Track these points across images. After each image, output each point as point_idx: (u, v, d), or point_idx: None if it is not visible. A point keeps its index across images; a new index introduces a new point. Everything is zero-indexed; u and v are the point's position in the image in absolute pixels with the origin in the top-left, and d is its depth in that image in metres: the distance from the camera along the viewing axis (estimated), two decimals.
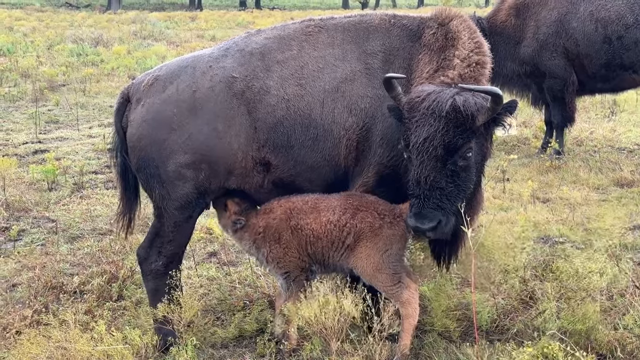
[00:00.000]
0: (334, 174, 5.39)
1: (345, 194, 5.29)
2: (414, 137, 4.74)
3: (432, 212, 4.73)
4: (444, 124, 4.68)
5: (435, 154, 4.70)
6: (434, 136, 4.68)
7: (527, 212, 7.80)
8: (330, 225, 5.16)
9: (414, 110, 4.79)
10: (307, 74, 5.33)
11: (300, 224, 5.22)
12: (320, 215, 5.19)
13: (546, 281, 5.86)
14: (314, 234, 5.19)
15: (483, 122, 4.79)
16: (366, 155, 5.31)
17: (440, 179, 4.73)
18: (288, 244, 5.26)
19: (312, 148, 5.30)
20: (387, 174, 5.29)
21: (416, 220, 4.74)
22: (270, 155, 5.30)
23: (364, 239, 5.11)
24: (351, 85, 5.30)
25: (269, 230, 5.31)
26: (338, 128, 5.28)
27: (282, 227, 5.27)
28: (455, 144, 4.71)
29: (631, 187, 9.27)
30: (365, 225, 5.11)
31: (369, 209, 5.15)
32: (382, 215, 5.14)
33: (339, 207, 5.18)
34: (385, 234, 5.11)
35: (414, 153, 4.75)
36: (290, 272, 5.28)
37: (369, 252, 5.10)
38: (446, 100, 4.71)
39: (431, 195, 4.73)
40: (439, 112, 4.69)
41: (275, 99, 5.28)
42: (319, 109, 5.28)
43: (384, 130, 5.26)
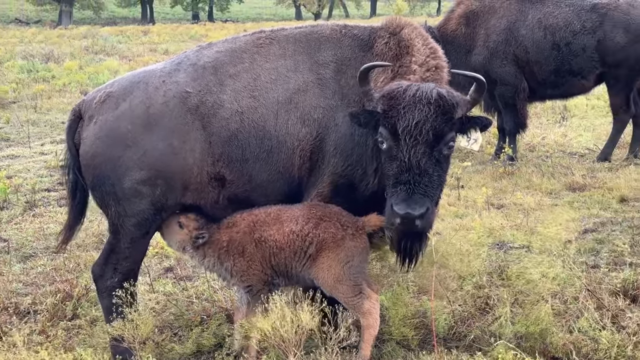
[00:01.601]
0: (289, 186, 5.39)
1: (308, 204, 5.29)
2: (403, 122, 4.78)
3: (422, 198, 4.76)
4: (433, 109, 4.76)
5: (426, 138, 4.77)
6: (426, 120, 4.76)
7: (481, 219, 7.87)
8: (293, 236, 5.14)
9: (396, 99, 4.84)
10: (260, 85, 5.34)
11: (264, 236, 5.20)
12: (283, 226, 5.17)
13: (501, 287, 5.93)
14: (277, 245, 5.17)
15: (462, 115, 4.91)
16: (320, 166, 5.33)
17: (429, 165, 4.80)
18: (252, 257, 5.22)
19: (266, 160, 5.30)
20: (342, 183, 5.31)
21: (407, 206, 4.71)
22: (225, 169, 5.29)
23: (326, 250, 5.11)
24: (304, 96, 5.31)
25: (232, 244, 5.26)
26: (292, 139, 5.29)
27: (246, 240, 5.24)
28: (442, 131, 4.81)
29: (583, 191, 9.43)
30: (327, 235, 5.11)
31: (332, 219, 5.15)
32: (345, 227, 5.14)
33: (302, 217, 5.17)
34: (347, 246, 5.11)
35: (406, 137, 4.78)
36: (253, 285, 5.25)
37: (330, 263, 5.10)
38: (431, 90, 4.82)
39: (421, 181, 4.77)
40: (428, 98, 4.78)
41: (229, 112, 5.27)
42: (272, 121, 5.28)
43: (337, 139, 5.28)
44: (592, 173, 10.29)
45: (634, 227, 7.77)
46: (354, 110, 5.07)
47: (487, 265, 6.29)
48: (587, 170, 10.40)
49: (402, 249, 5.28)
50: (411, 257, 5.29)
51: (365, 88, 5.01)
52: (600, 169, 10.50)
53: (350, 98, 5.31)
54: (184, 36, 37.43)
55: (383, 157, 5.01)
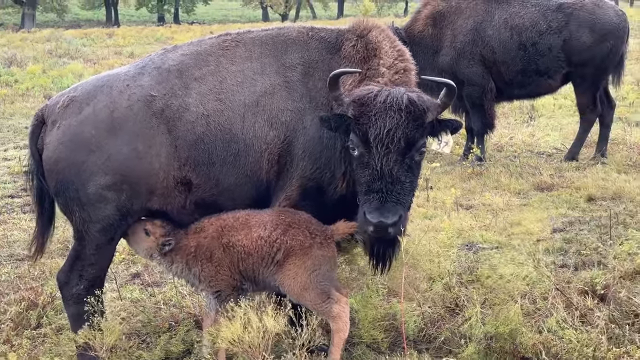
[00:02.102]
0: (257, 190, 5.38)
1: (278, 210, 5.28)
2: (374, 129, 4.79)
3: (394, 206, 4.79)
4: (404, 116, 4.79)
5: (398, 146, 4.79)
6: (397, 128, 4.78)
7: (451, 220, 7.89)
8: (261, 241, 5.13)
9: (367, 106, 4.85)
10: (226, 88, 5.33)
11: (232, 241, 5.17)
12: (251, 231, 5.16)
13: (471, 287, 5.96)
14: (245, 251, 5.15)
15: (432, 119, 4.93)
16: (288, 169, 5.33)
17: (401, 173, 4.83)
18: (220, 262, 5.20)
19: (233, 164, 5.29)
20: (311, 187, 5.32)
21: (380, 214, 4.75)
22: (192, 173, 5.27)
23: (293, 257, 5.09)
24: (271, 99, 5.31)
25: (200, 249, 5.23)
26: (259, 142, 5.28)
27: (214, 245, 5.21)
28: (414, 138, 4.84)
29: (551, 191, 9.52)
30: (295, 243, 5.09)
31: (300, 226, 5.14)
32: (313, 235, 5.13)
33: (271, 223, 5.16)
34: (315, 254, 5.10)
35: (377, 145, 4.80)
36: (222, 291, 5.22)
37: (296, 270, 5.08)
38: (401, 95, 4.83)
39: (393, 189, 4.80)
40: (398, 104, 4.80)
41: (194, 115, 5.25)
42: (239, 124, 5.27)
43: (305, 142, 5.29)
44: (559, 172, 10.39)
45: (602, 226, 7.85)
46: (324, 115, 5.07)
47: (456, 266, 6.33)
48: (555, 169, 10.50)
49: (374, 254, 5.30)
50: (384, 261, 5.32)
51: (335, 93, 5.01)
52: (567, 168, 10.60)
53: (319, 101, 5.32)
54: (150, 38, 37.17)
55: (354, 164, 5.03)
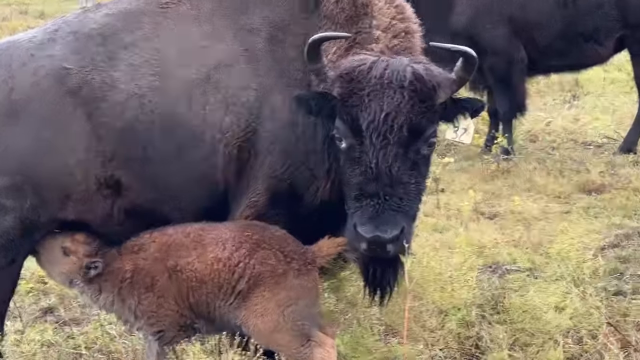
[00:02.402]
0: (210, 194, 5.38)
1: (241, 224, 5.26)
2: (368, 114, 4.75)
3: (395, 216, 4.75)
4: (408, 96, 4.74)
5: (399, 136, 4.74)
6: (398, 112, 4.73)
7: (468, 233, 7.90)
8: (219, 265, 5.06)
9: (358, 82, 4.82)
10: (165, 59, 5.32)
11: (180, 264, 5.12)
12: (205, 251, 5.11)
13: (496, 323, 5.96)
14: (198, 277, 5.09)
15: (445, 99, 4.90)
16: (252, 167, 5.32)
17: (404, 171, 4.79)
18: (164, 292, 5.15)
19: (178, 160, 5.27)
20: (283, 190, 5.31)
21: (375, 227, 4.69)
22: (121, 172, 5.25)
23: (262, 287, 5.03)
24: (227, 74, 5.30)
25: (138, 274, 5.19)
26: (212, 131, 5.27)
27: (157, 270, 5.16)
28: (420, 125, 4.80)
29: (601, 194, 9.53)
30: (265, 268, 5.03)
31: (272, 246, 5.08)
32: (289, 258, 5.07)
33: (232, 241, 5.10)
34: (291, 284, 5.04)
35: (372, 135, 4.75)
36: (165, 330, 5.19)
37: (265, 305, 5.02)
38: (404, 68, 4.78)
39: (393, 193, 4.75)
40: (400, 80, 4.75)
41: (124, 95, 5.23)
42: (184, 106, 5.26)
43: (274, 131, 5.28)
44: (612, 169, 10.39)
45: None
46: (302, 93, 5.06)
47: (477, 295, 6.28)
48: (607, 165, 10.50)
49: (370, 279, 5.30)
50: (382, 288, 5.32)
51: (316, 66, 4.98)
52: (623, 163, 10.62)
53: (291, 75, 5.31)
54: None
55: (342, 159, 5.00)
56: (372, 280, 5.31)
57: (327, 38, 5.04)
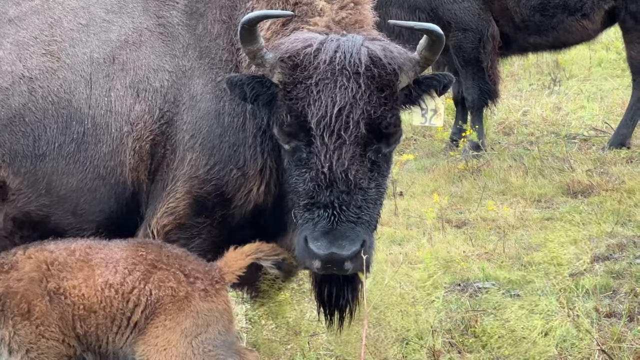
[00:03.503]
0: (117, 200, 5.34)
1: (135, 241, 5.22)
2: (317, 108, 4.72)
3: (353, 229, 4.74)
4: (365, 84, 4.73)
5: (356, 134, 4.72)
6: (354, 104, 4.71)
7: (433, 245, 7.93)
8: (110, 291, 5.00)
9: (304, 69, 4.79)
10: (61, 35, 5.27)
11: (63, 286, 5.04)
12: (94, 273, 5.03)
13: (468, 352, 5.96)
14: (85, 305, 5.02)
15: (407, 83, 4.89)
16: (169, 165, 5.30)
17: (362, 175, 4.77)
18: (44, 320, 5.06)
19: (76, 157, 5.23)
20: (207, 193, 5.29)
21: (330, 243, 4.69)
22: (7, 171, 5.21)
23: (162, 316, 4.99)
24: (136, 52, 5.27)
25: (11, 298, 5.09)
26: (119, 121, 5.23)
27: (34, 293, 5.06)
28: (381, 118, 4.78)
29: (589, 196, 9.61)
30: (164, 292, 4.99)
31: (171, 266, 5.04)
32: (192, 279, 5.03)
33: (124, 262, 5.05)
34: (196, 309, 5.00)
35: (323, 135, 4.73)
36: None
37: (169, 337, 4.98)
38: (358, 49, 4.75)
39: (351, 201, 4.74)
40: (354, 65, 4.72)
41: (9, 78, 5.19)
42: (84, 92, 5.21)
43: (195, 122, 5.26)
44: (602, 167, 10.51)
45: None
46: (235, 77, 4.98)
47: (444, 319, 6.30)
48: (594, 162, 10.60)
49: (325, 300, 5.34)
50: (341, 310, 5.35)
51: (252, 47, 4.90)
52: (614, 160, 10.72)
53: (215, 55, 5.31)
54: None
55: (285, 161, 4.99)
56: (328, 301, 5.33)
57: (266, 16, 4.98)
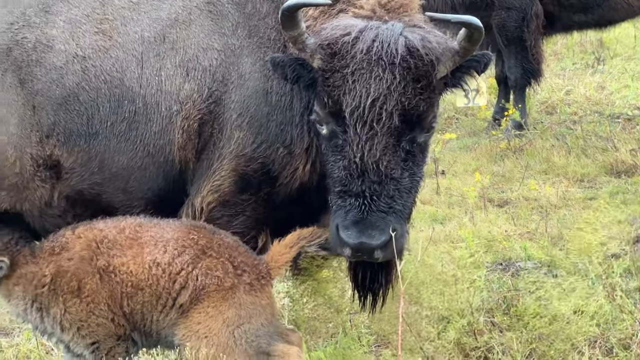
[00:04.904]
0: (165, 178, 5.40)
1: (188, 224, 5.25)
2: (352, 98, 4.75)
3: (384, 219, 4.77)
4: (400, 75, 4.73)
5: (389, 125, 4.74)
6: (387, 95, 4.72)
7: (474, 224, 7.93)
8: (157, 270, 5.04)
9: (341, 57, 4.81)
10: (112, 14, 5.32)
11: (113, 264, 5.10)
12: (143, 251, 5.08)
13: (508, 330, 5.98)
14: (133, 282, 5.08)
15: (445, 73, 4.89)
16: (216, 144, 5.34)
17: (394, 165, 4.78)
18: (94, 297, 5.12)
19: (127, 135, 5.29)
20: (253, 171, 5.32)
21: (360, 232, 4.73)
22: (61, 150, 5.27)
23: (206, 303, 5.02)
24: (186, 31, 5.32)
25: (61, 278, 5.16)
26: (168, 100, 5.29)
27: (84, 271, 5.13)
28: (415, 109, 4.78)
29: (632, 176, 9.58)
30: (210, 281, 5.01)
31: (221, 256, 5.06)
32: (239, 271, 5.05)
33: (175, 243, 5.08)
34: (240, 301, 5.03)
35: (356, 125, 4.75)
36: (100, 342, 5.17)
37: (210, 325, 5.00)
38: (396, 39, 4.75)
39: (382, 192, 4.77)
40: (390, 57, 4.73)
41: (63, 57, 5.24)
42: (135, 71, 5.28)
43: (243, 100, 5.29)
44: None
45: None
46: (278, 57, 5.03)
47: (485, 298, 6.33)
48: (639, 142, 10.53)
49: (360, 284, 5.37)
50: (374, 294, 5.39)
51: (293, 33, 4.93)
52: None
53: (263, 33, 5.33)
54: None
55: (323, 145, 5.02)
56: (362, 284, 5.37)
57: (304, 5, 4.96)
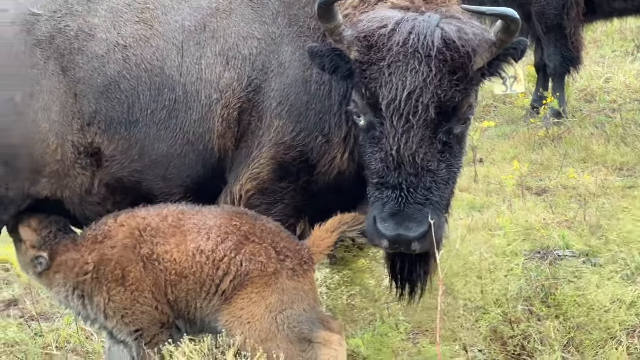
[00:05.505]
0: (204, 166, 5.44)
1: (230, 210, 5.29)
2: (388, 91, 4.76)
3: (421, 211, 4.79)
4: (435, 68, 4.74)
5: (425, 118, 4.75)
6: (424, 88, 4.73)
7: (513, 212, 7.94)
8: (201, 257, 5.08)
9: (378, 50, 4.82)
10: (153, 3, 5.37)
11: (156, 252, 5.15)
12: (186, 239, 5.13)
13: (546, 319, 5.98)
14: (177, 270, 5.12)
15: (482, 65, 4.90)
16: (255, 132, 5.37)
17: (430, 158, 4.80)
18: (138, 286, 5.18)
19: (167, 123, 5.33)
20: (292, 159, 5.35)
21: (397, 224, 4.75)
22: (102, 138, 5.31)
23: (249, 289, 5.05)
24: (226, 20, 5.35)
25: (105, 266, 5.22)
26: (209, 89, 5.32)
27: (128, 259, 5.18)
28: (451, 101, 4.79)
29: None
30: (254, 267, 5.04)
31: (263, 241, 5.09)
32: (282, 256, 5.08)
33: (218, 230, 5.12)
34: (283, 286, 5.06)
35: (392, 117, 4.76)
36: (144, 330, 5.22)
37: (254, 311, 5.04)
38: (432, 32, 4.76)
39: (419, 184, 4.79)
40: (426, 49, 4.74)
41: (104, 46, 5.28)
42: (176, 60, 5.31)
43: (283, 89, 5.32)
44: None
45: None
46: (316, 47, 5.05)
47: (523, 287, 6.33)
48: None
49: (397, 274, 5.41)
50: (412, 285, 5.42)
51: (330, 25, 4.95)
52: None
53: (303, 23, 5.35)
54: None
55: (361, 137, 5.03)
56: (400, 275, 5.41)
57: None
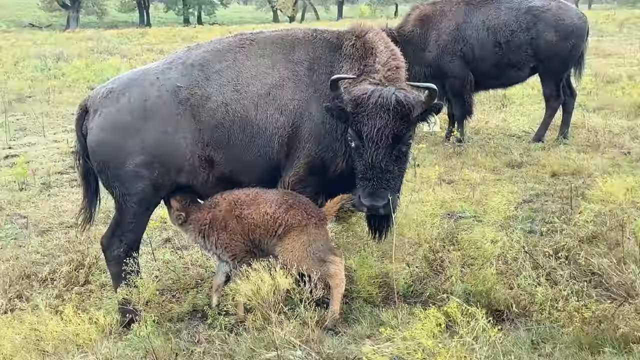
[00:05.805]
0: (268, 167, 5.39)
1: (282, 192, 5.27)
2: (367, 128, 4.86)
3: (384, 192, 4.91)
4: (392, 115, 4.82)
5: (386, 142, 4.85)
6: (386, 126, 4.83)
7: (435, 193, 7.88)
8: (267, 217, 5.13)
9: (361, 106, 4.89)
10: (242, 80, 5.30)
11: (243, 213, 5.17)
12: (259, 207, 5.16)
13: (453, 251, 5.94)
14: (254, 223, 5.15)
15: (418, 114, 4.95)
16: (296, 150, 5.32)
17: (389, 164, 4.90)
18: (234, 231, 5.20)
19: (249, 145, 5.28)
20: (316, 164, 5.33)
21: (372, 199, 4.91)
22: (214, 153, 5.26)
23: (292, 233, 5.09)
24: (281, 90, 5.29)
25: (216, 220, 5.23)
26: (271, 127, 5.28)
27: (228, 217, 5.21)
28: (401, 133, 4.89)
29: (520, 168, 9.45)
30: (294, 221, 5.09)
31: (300, 207, 5.14)
32: (309, 215, 5.13)
33: (275, 202, 5.15)
34: (310, 232, 5.09)
35: (369, 142, 4.87)
36: (237, 255, 5.22)
37: (293, 245, 5.08)
38: (391, 96, 4.85)
39: (383, 177, 4.90)
40: (387, 105, 4.83)
41: (215, 103, 5.23)
42: (253, 111, 5.26)
43: (311, 127, 5.28)
44: (528, 152, 10.27)
45: (563, 197, 7.81)
46: (329, 104, 5.07)
47: (440, 233, 6.27)
48: (524, 149, 10.40)
49: (372, 227, 5.46)
50: (380, 232, 5.45)
51: (336, 92, 5.04)
52: (534, 148, 10.48)
53: (322, 91, 5.29)
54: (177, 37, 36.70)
55: (353, 152, 5.07)
56: (374, 228, 5.47)
57: (342, 78, 5.08)
